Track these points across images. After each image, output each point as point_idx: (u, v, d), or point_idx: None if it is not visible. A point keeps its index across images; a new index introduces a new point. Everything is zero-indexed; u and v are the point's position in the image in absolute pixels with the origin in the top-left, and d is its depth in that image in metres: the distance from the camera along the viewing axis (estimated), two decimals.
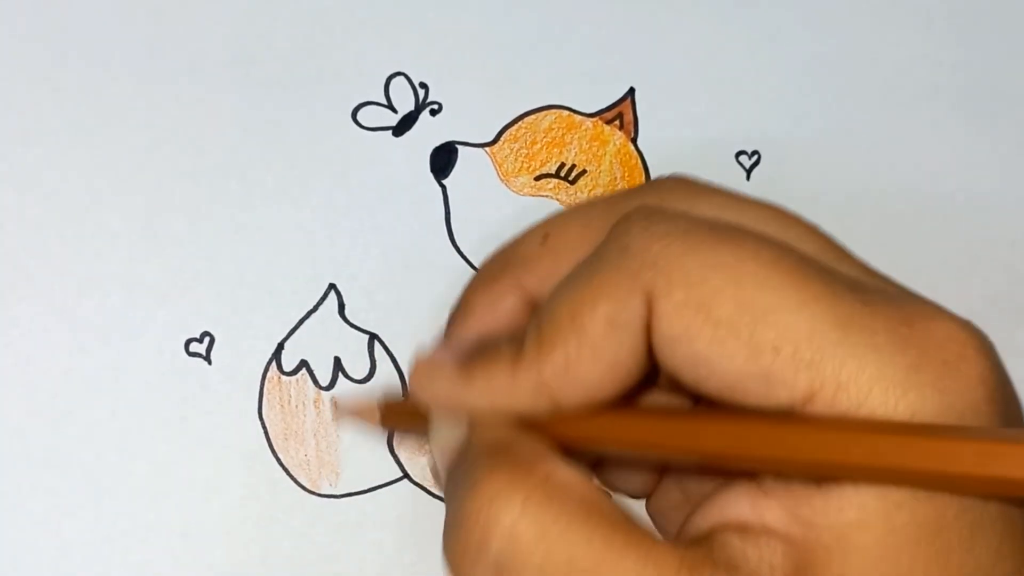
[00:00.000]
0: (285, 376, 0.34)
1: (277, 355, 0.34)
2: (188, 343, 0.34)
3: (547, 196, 0.35)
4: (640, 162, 0.36)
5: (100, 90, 0.35)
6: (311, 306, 0.34)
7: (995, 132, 0.36)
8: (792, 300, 0.21)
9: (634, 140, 0.36)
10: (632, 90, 0.36)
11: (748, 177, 0.36)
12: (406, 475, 0.33)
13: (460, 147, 0.35)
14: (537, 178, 0.35)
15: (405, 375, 0.34)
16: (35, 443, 0.33)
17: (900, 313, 0.21)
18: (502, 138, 0.35)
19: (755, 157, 0.36)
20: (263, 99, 0.35)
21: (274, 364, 0.34)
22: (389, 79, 0.36)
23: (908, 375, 0.20)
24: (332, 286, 0.34)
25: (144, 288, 0.34)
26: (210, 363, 0.34)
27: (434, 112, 0.36)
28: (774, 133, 0.36)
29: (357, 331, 0.34)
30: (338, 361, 0.34)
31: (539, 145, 0.36)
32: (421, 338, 0.29)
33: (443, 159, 0.35)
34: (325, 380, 0.34)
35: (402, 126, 0.35)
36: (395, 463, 0.33)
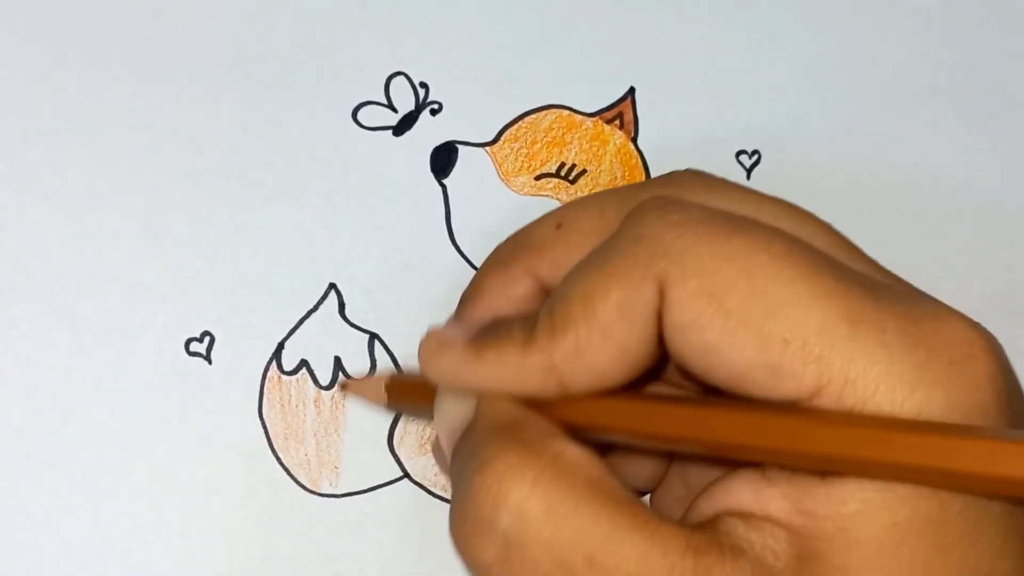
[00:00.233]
0: (285, 376, 0.34)
1: (277, 355, 0.34)
2: (188, 343, 0.34)
3: (547, 196, 0.35)
4: (640, 162, 0.36)
5: (100, 90, 0.35)
6: (311, 306, 0.34)
7: (995, 132, 0.36)
8: (803, 294, 0.21)
9: (634, 140, 0.36)
10: (632, 90, 0.36)
11: (748, 177, 0.36)
12: (406, 475, 0.33)
13: (460, 147, 0.35)
14: (537, 178, 0.35)
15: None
16: (35, 443, 0.33)
17: (910, 312, 0.21)
18: (502, 138, 0.35)
19: (755, 157, 0.36)
20: (263, 99, 0.35)
21: (274, 364, 0.34)
22: (389, 79, 0.36)
23: (916, 373, 0.21)
24: (332, 286, 0.34)
25: (144, 288, 0.34)
26: (210, 363, 0.34)
27: (434, 112, 0.36)
28: (774, 133, 0.36)
29: (357, 331, 0.34)
30: (338, 361, 0.34)
31: (539, 145, 0.36)
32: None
33: (443, 159, 0.35)
34: (325, 380, 0.34)
35: (402, 126, 0.35)
36: (395, 463, 0.33)
